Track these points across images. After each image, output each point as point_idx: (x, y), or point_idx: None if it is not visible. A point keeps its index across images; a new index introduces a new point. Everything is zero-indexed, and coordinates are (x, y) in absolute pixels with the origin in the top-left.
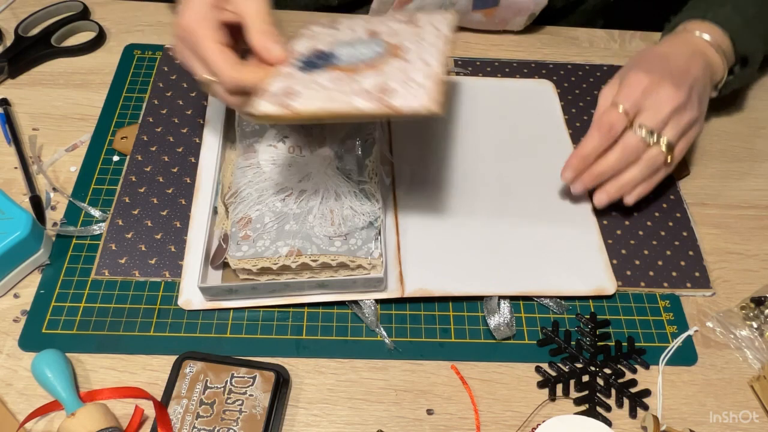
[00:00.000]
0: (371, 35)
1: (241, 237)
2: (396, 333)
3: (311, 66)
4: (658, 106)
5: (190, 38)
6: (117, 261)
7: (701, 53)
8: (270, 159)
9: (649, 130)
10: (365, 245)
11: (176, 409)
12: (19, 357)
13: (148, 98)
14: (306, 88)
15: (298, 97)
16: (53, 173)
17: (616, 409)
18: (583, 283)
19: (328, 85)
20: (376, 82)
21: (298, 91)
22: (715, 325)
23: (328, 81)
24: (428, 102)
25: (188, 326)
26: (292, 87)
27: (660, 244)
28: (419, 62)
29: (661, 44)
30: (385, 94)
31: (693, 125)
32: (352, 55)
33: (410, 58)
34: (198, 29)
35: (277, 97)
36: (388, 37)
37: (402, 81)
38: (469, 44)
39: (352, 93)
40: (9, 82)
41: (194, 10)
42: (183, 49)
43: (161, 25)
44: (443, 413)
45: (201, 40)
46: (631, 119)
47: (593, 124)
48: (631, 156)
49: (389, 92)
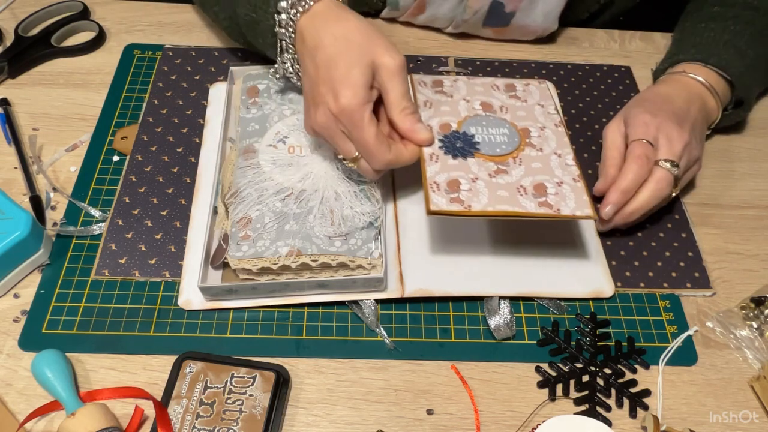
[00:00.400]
0: (486, 109)
1: (241, 237)
2: (396, 333)
3: (458, 152)
4: (671, 143)
5: (350, 121)
6: (117, 261)
7: (699, 96)
8: (270, 159)
9: (673, 163)
10: (365, 245)
11: (176, 409)
12: (19, 357)
13: (148, 98)
14: (469, 181)
15: (472, 195)
16: (53, 173)
17: (616, 409)
18: (581, 285)
19: (490, 180)
20: (531, 180)
21: (467, 187)
22: (715, 325)
23: (486, 174)
24: (590, 212)
25: (188, 326)
26: (456, 179)
27: (659, 245)
28: (554, 157)
29: (660, 85)
30: (547, 197)
31: (695, 163)
32: (489, 141)
33: (544, 148)
34: (358, 113)
35: (450, 193)
36: (506, 116)
37: (554, 183)
38: (469, 44)
39: (517, 194)
40: (9, 82)
41: (356, 94)
42: (334, 128)
43: (161, 25)
44: (443, 413)
45: (361, 124)
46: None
47: (629, 158)
48: (664, 190)
49: (550, 195)
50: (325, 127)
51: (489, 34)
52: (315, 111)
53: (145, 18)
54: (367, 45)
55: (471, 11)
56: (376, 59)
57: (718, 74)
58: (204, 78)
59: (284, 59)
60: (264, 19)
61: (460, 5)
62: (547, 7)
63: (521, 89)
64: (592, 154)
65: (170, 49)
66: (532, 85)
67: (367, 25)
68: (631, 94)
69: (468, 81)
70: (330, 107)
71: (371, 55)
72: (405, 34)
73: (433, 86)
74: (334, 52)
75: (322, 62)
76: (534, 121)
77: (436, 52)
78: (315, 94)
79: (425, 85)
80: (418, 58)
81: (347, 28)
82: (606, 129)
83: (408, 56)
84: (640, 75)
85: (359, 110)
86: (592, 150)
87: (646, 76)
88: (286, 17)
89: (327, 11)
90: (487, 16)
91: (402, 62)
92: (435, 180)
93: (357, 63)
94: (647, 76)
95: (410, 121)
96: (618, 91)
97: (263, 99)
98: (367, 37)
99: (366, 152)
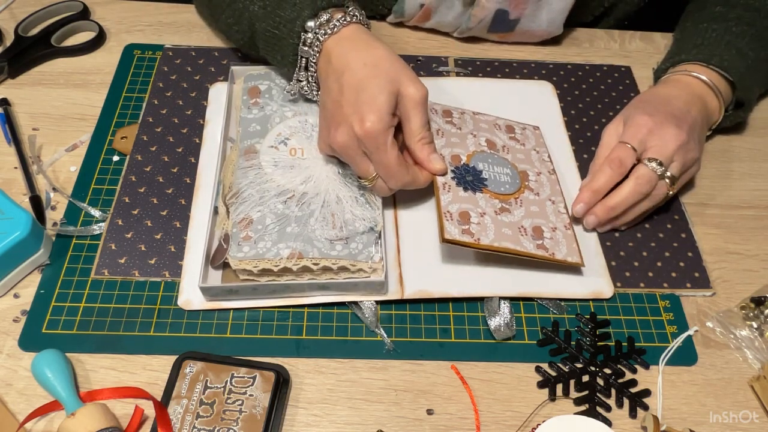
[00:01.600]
0: (491, 147)
1: (243, 238)
2: (396, 333)
3: (468, 185)
4: (664, 144)
5: (374, 143)
6: (117, 261)
7: (700, 97)
8: (272, 161)
9: (658, 162)
10: (366, 249)
11: (176, 409)
12: (19, 357)
13: (148, 98)
14: (478, 215)
15: (480, 229)
16: (53, 173)
17: (616, 409)
18: (580, 285)
19: (495, 217)
20: (530, 222)
21: (476, 221)
22: (715, 325)
23: (492, 210)
24: (579, 260)
25: (188, 326)
26: (466, 211)
27: (659, 245)
28: (549, 203)
29: (661, 86)
30: (543, 240)
31: (694, 164)
32: (495, 179)
33: (540, 193)
34: (382, 137)
35: (461, 225)
36: (507, 156)
37: (549, 228)
38: (469, 44)
39: (519, 233)
40: (9, 82)
41: (381, 119)
42: (355, 149)
43: (161, 25)
44: (443, 413)
45: (384, 147)
46: (638, 156)
47: (604, 160)
48: (644, 187)
49: (546, 239)
50: (346, 146)
51: (494, 39)
52: (336, 130)
53: (145, 18)
54: (395, 74)
55: (476, 20)
56: (402, 89)
57: (719, 75)
58: (204, 78)
59: (301, 77)
60: (288, 36)
61: (464, 14)
62: (551, 14)
63: (519, 132)
64: (591, 155)
65: (170, 49)
66: (528, 130)
67: (394, 55)
68: (631, 94)
69: (473, 116)
70: (355, 129)
71: (397, 84)
72: (405, 34)
73: (443, 116)
74: (363, 77)
75: (349, 85)
76: (531, 165)
77: (436, 52)
78: (337, 114)
79: (436, 113)
80: (418, 58)
81: (376, 56)
82: (604, 129)
83: (408, 56)
84: (640, 75)
85: (383, 134)
86: (592, 151)
87: (646, 76)
88: (313, 36)
89: (356, 37)
90: (492, 23)
91: (425, 94)
92: (448, 210)
93: (384, 90)
94: (647, 76)
95: (427, 150)
96: (618, 91)
97: (265, 100)
98: (395, 67)
99: (386, 173)
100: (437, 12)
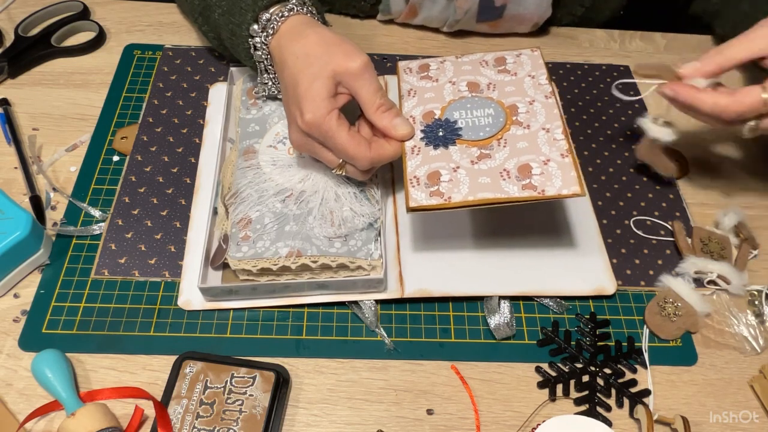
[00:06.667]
0: (473, 90)
1: (241, 237)
2: (396, 333)
3: (439, 141)
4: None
5: (319, 132)
6: (117, 261)
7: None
8: (270, 160)
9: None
10: (365, 246)
11: (176, 409)
12: (19, 357)
13: (148, 98)
14: (450, 171)
15: (452, 186)
16: (53, 173)
17: (616, 409)
18: (583, 282)
19: (472, 167)
20: (515, 162)
21: (447, 178)
22: (715, 322)
23: (468, 161)
24: (578, 189)
25: (188, 326)
26: (437, 171)
27: (660, 243)
28: (542, 132)
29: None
30: (531, 178)
31: None
32: (473, 125)
33: (531, 125)
34: (324, 124)
35: (429, 186)
36: (493, 94)
37: (540, 162)
38: (469, 44)
39: (500, 179)
40: (9, 82)
41: (318, 107)
42: (310, 143)
43: (161, 25)
44: (443, 413)
45: (330, 133)
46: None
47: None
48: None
49: (535, 176)
50: (302, 143)
51: (485, 29)
52: (290, 130)
53: (145, 18)
54: (326, 56)
55: (461, 11)
56: (337, 67)
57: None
58: (204, 78)
59: (264, 79)
60: (241, 42)
61: (449, 6)
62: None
63: (512, 61)
64: (591, 152)
65: (170, 50)
66: (524, 55)
67: (326, 37)
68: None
69: (456, 60)
70: (299, 124)
71: (331, 64)
72: (405, 34)
73: (419, 71)
74: (296, 71)
75: (288, 82)
76: (523, 96)
77: (435, 51)
78: (287, 113)
79: (410, 72)
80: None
81: (306, 44)
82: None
83: (408, 56)
84: None
85: (325, 121)
86: (593, 148)
87: None
88: (260, 40)
89: (291, 30)
90: (479, 12)
91: (364, 62)
92: (415, 174)
93: (317, 76)
94: None
95: (387, 117)
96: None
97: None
98: (326, 49)
99: (346, 155)
100: (423, 7)
